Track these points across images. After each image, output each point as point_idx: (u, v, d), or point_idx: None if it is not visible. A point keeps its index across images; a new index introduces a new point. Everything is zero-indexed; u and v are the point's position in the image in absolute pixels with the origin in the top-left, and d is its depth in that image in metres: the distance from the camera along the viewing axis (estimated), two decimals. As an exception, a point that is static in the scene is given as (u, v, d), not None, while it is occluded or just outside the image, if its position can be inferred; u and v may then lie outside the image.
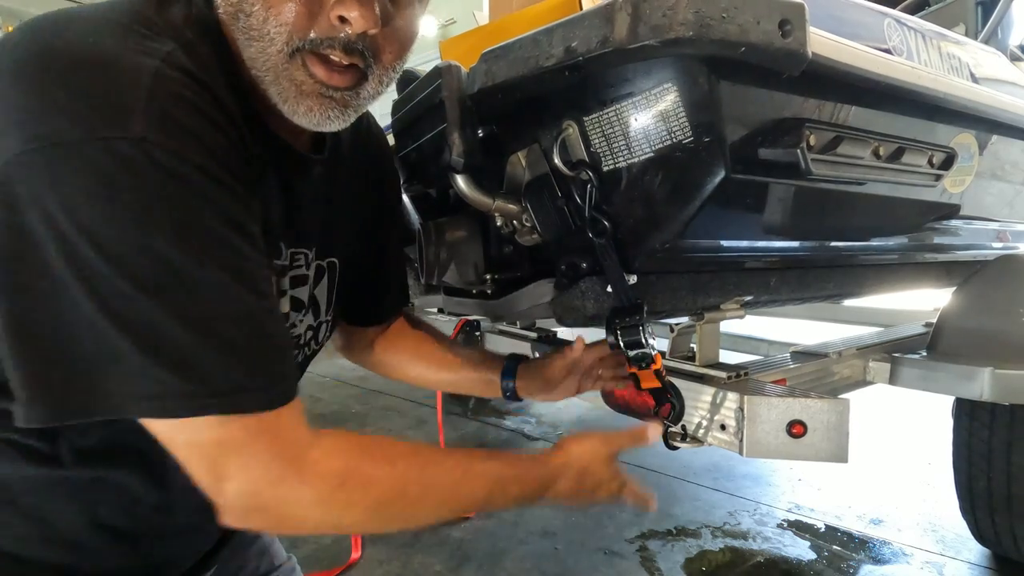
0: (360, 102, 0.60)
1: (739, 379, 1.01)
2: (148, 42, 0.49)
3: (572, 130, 0.75)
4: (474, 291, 1.12)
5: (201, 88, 0.49)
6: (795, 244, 0.98)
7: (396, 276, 0.93)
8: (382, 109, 0.68)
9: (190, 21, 0.54)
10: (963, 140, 1.01)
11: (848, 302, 2.23)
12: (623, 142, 0.72)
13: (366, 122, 0.84)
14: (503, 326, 1.66)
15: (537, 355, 0.93)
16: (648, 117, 0.69)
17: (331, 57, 0.55)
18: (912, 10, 1.76)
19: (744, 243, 0.91)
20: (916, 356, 1.30)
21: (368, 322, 0.93)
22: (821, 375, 1.22)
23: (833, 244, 1.06)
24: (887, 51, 0.88)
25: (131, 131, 0.43)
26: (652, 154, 0.70)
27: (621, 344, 0.81)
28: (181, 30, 0.53)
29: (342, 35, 0.54)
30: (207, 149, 0.47)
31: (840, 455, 0.87)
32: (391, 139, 1.00)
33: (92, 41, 0.47)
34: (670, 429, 0.96)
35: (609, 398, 1.11)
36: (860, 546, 1.73)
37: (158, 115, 0.45)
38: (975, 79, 1.08)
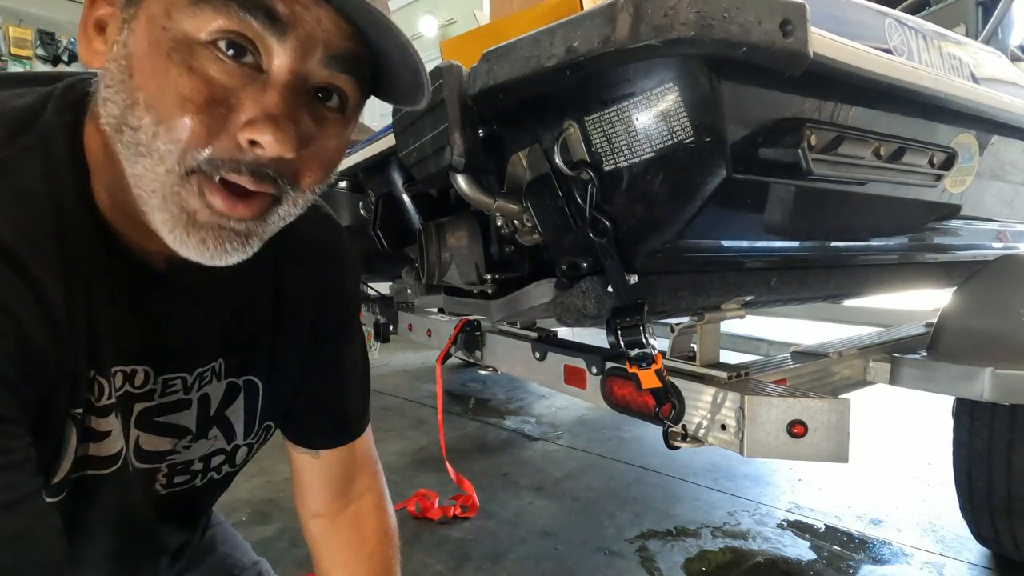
0: (268, 229, 0.50)
1: (739, 379, 1.01)
2: None
3: (573, 130, 0.75)
4: (475, 291, 1.12)
5: None
6: (796, 244, 0.98)
7: (332, 403, 0.78)
8: (383, 108, 0.67)
9: (38, 121, 0.49)
10: (963, 140, 1.01)
11: (848, 302, 2.23)
12: (624, 142, 0.72)
13: (319, 219, 0.71)
14: (503, 326, 1.66)
15: None
16: (649, 117, 0.69)
17: (233, 182, 0.45)
18: (912, 10, 1.76)
19: (745, 243, 0.91)
20: (916, 356, 1.30)
21: (297, 440, 0.79)
22: (821, 375, 1.22)
23: (834, 244, 1.06)
24: (888, 51, 0.88)
25: None
26: (653, 154, 0.70)
27: (622, 344, 0.81)
28: (41, 131, 0.48)
29: (250, 157, 0.45)
30: None
31: (840, 455, 0.87)
32: (391, 139, 1.00)
33: None
34: (670, 429, 0.96)
35: (610, 398, 1.11)
36: (860, 546, 1.73)
37: None
38: (975, 79, 1.08)
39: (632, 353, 0.83)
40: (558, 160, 0.77)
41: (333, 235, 0.74)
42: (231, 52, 0.44)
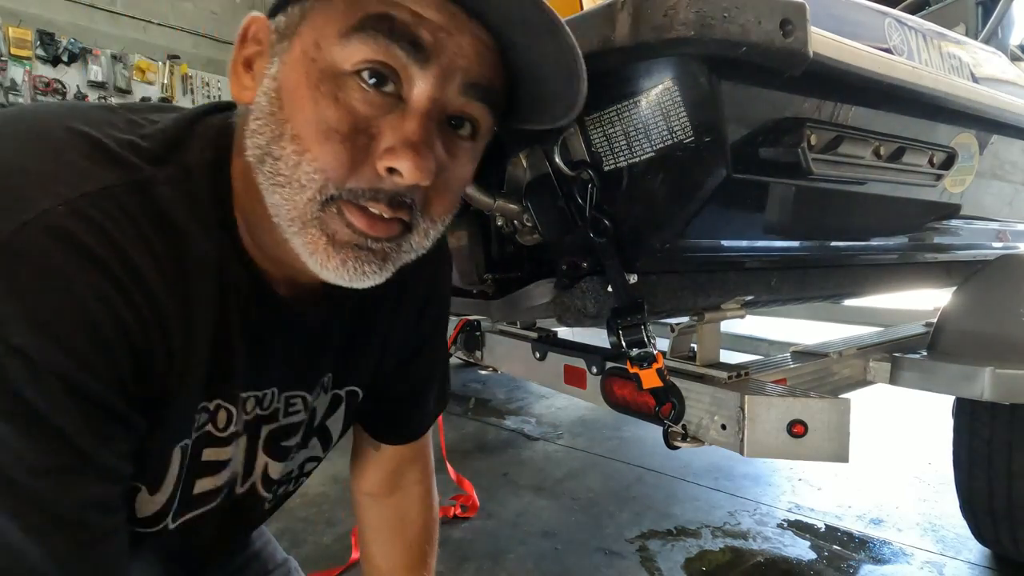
0: (400, 256, 0.51)
1: (739, 379, 1.00)
2: (77, 173, 0.43)
3: (573, 130, 0.75)
4: (475, 291, 1.12)
5: (105, 246, 0.42)
6: (796, 244, 0.98)
7: (411, 406, 0.81)
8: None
9: (203, 154, 0.50)
10: (963, 140, 1.01)
11: (848, 302, 2.23)
12: (624, 142, 0.72)
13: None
14: (503, 326, 1.66)
15: None
16: (649, 117, 0.69)
17: (372, 210, 0.47)
18: (912, 10, 1.76)
19: (745, 243, 0.91)
20: (916, 356, 1.30)
21: (367, 429, 0.82)
22: (821, 375, 1.22)
23: (834, 244, 1.06)
24: (887, 51, 0.88)
25: None
26: (653, 154, 0.70)
27: (624, 343, 0.81)
28: (183, 161, 0.49)
29: (388, 185, 0.46)
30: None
31: (841, 455, 0.87)
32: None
33: (13, 151, 0.44)
34: (670, 429, 0.96)
35: (610, 398, 1.11)
36: (860, 546, 1.73)
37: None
38: (975, 79, 1.08)
39: (633, 353, 0.83)
40: (558, 160, 0.77)
41: (442, 257, 0.77)
42: (373, 81, 0.45)
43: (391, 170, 0.45)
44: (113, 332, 0.43)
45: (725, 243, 0.88)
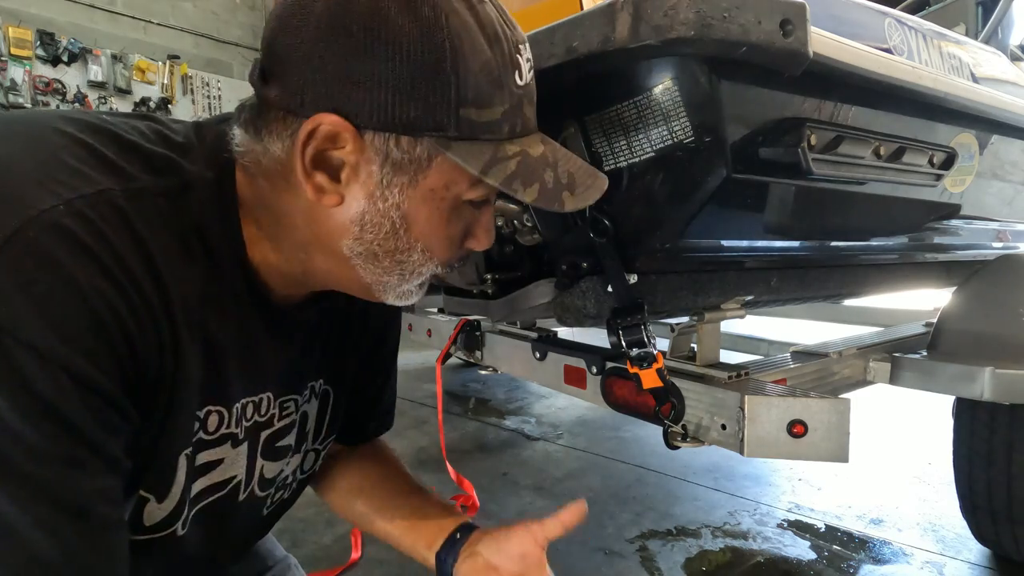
0: None
1: (739, 379, 1.00)
2: (74, 176, 0.44)
3: (573, 130, 0.75)
4: (475, 291, 1.12)
5: (103, 246, 0.43)
6: (796, 244, 0.98)
7: (387, 398, 0.87)
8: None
9: (203, 173, 0.53)
10: (963, 140, 1.01)
11: (848, 302, 2.23)
12: (624, 142, 0.72)
13: None
14: (503, 326, 1.66)
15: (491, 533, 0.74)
16: (649, 117, 0.69)
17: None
18: (912, 10, 1.76)
19: (745, 243, 0.91)
20: (916, 356, 1.30)
21: (348, 440, 0.84)
22: (821, 375, 1.22)
23: (834, 244, 1.06)
24: (888, 51, 0.88)
25: None
26: (653, 154, 0.70)
27: (624, 343, 0.81)
28: (183, 175, 0.51)
29: (467, 253, 0.60)
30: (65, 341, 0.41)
31: (841, 455, 0.87)
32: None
33: (8, 153, 0.45)
34: (670, 429, 0.96)
35: (610, 398, 1.11)
36: (860, 546, 1.73)
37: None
38: (975, 79, 1.08)
39: (633, 353, 0.83)
40: (558, 160, 0.76)
41: None
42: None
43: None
44: (115, 330, 0.44)
45: (725, 243, 0.88)
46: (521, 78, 0.51)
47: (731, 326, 2.14)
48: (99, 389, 0.43)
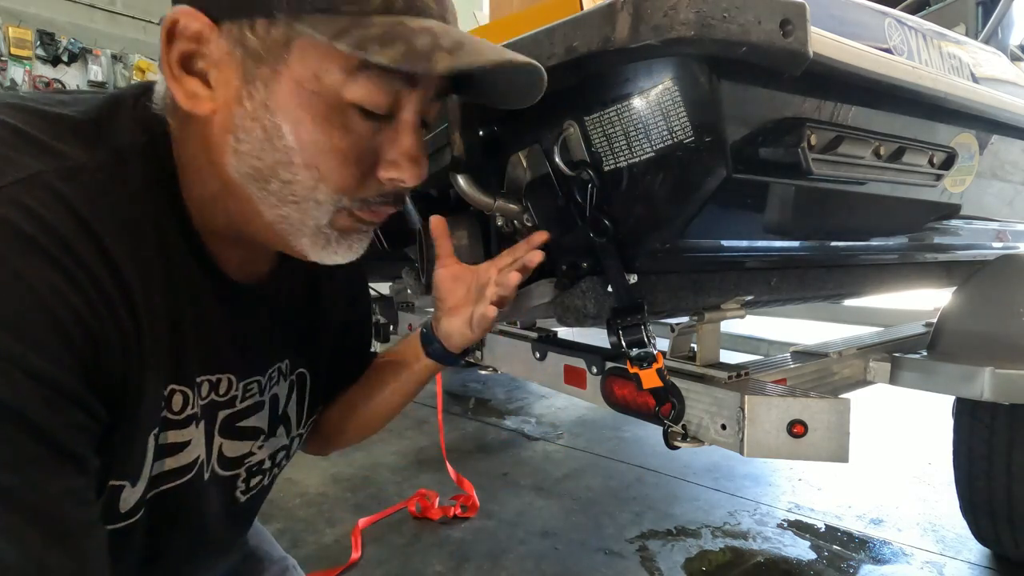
0: None
1: (739, 379, 1.00)
2: (4, 161, 0.41)
3: (573, 130, 0.75)
4: (475, 291, 1.11)
5: (47, 235, 0.40)
6: (796, 244, 0.98)
7: (362, 349, 0.86)
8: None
9: (134, 139, 0.49)
10: (963, 140, 1.01)
11: (848, 302, 2.23)
12: (624, 142, 0.72)
13: None
14: (503, 326, 1.66)
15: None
16: (649, 117, 0.69)
17: (380, 208, 0.54)
18: (912, 10, 1.76)
19: (745, 243, 0.91)
20: (916, 356, 1.30)
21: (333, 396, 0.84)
22: (821, 375, 1.22)
23: (834, 244, 1.06)
24: (888, 51, 0.88)
25: None
26: (653, 154, 0.70)
27: (623, 344, 0.81)
28: (114, 145, 0.48)
29: (391, 189, 0.53)
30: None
31: (841, 455, 0.87)
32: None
33: None
34: (670, 429, 0.96)
35: (610, 398, 1.11)
36: (860, 546, 1.73)
37: None
38: (975, 79, 1.08)
39: (633, 353, 0.83)
40: (558, 160, 0.77)
41: None
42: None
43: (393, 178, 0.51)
44: (72, 324, 0.41)
45: (725, 243, 0.88)
46: None
47: (731, 326, 2.14)
48: (60, 387, 0.40)
